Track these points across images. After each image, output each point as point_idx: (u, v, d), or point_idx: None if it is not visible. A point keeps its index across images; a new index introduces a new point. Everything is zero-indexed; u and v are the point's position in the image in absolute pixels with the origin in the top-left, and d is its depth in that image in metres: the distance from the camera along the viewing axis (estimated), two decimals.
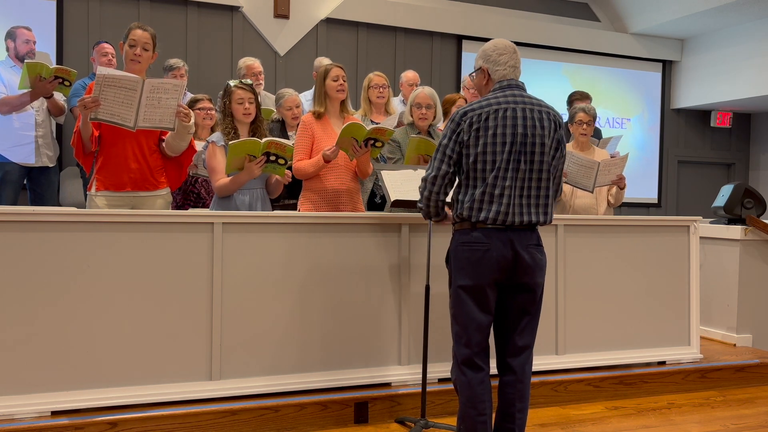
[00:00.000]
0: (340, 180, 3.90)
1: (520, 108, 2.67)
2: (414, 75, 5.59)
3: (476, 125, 2.63)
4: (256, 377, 3.34)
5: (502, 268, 2.65)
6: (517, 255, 2.66)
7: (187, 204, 4.47)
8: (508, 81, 2.75)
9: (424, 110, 4.24)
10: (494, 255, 2.64)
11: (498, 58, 2.76)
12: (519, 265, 2.67)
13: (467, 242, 2.68)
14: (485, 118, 2.64)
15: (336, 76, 3.89)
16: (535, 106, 2.71)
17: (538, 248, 2.73)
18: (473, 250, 2.66)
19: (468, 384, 2.69)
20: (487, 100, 2.69)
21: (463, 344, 2.70)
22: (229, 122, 3.76)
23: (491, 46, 2.80)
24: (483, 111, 2.65)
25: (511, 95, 2.70)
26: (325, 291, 3.48)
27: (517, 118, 2.65)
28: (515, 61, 2.77)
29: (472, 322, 2.68)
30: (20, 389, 2.98)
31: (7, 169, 4.94)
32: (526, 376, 2.77)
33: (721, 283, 5.00)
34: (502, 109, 2.65)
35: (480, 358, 2.70)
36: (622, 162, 4.64)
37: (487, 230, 2.65)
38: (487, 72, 2.79)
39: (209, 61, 6.84)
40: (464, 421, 2.69)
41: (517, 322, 2.75)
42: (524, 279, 2.70)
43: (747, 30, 8.41)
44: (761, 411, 3.83)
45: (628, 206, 9.00)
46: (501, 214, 2.62)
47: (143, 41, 3.55)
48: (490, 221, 2.63)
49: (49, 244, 3.04)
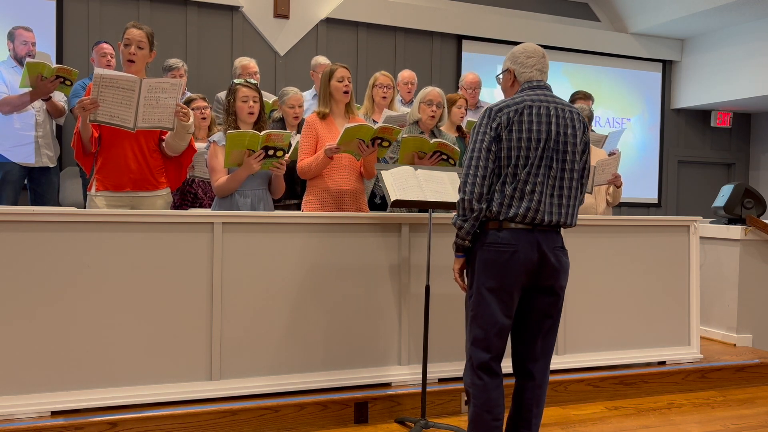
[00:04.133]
0: (344, 180, 3.89)
1: (552, 106, 2.66)
2: (411, 74, 5.59)
3: (512, 119, 2.61)
4: (256, 377, 3.34)
5: (528, 270, 2.61)
6: (543, 257, 2.62)
7: (184, 204, 4.47)
8: (537, 82, 2.75)
9: (434, 108, 4.20)
10: (521, 257, 2.59)
11: (526, 60, 2.76)
12: (545, 267, 2.63)
13: (494, 242, 2.62)
14: (520, 113, 2.62)
15: (341, 77, 3.88)
16: (566, 107, 2.71)
17: (563, 250, 2.71)
18: (500, 252, 2.60)
19: (484, 389, 2.63)
20: (520, 97, 2.68)
21: (482, 348, 2.64)
22: (232, 120, 3.76)
23: (520, 49, 2.80)
24: (518, 107, 2.63)
25: (543, 94, 2.70)
26: (325, 291, 3.48)
27: (551, 116, 2.64)
28: (542, 66, 2.76)
29: (495, 326, 2.62)
30: (20, 389, 2.98)
31: (8, 169, 4.94)
32: (545, 381, 2.73)
33: (721, 283, 5.00)
34: (536, 106, 2.64)
35: (497, 363, 2.66)
36: (616, 160, 4.65)
37: (515, 231, 2.61)
38: (514, 74, 2.78)
39: (209, 61, 6.84)
40: (477, 425, 2.64)
41: (539, 326, 2.70)
42: (549, 282, 2.66)
43: (747, 30, 8.41)
44: (761, 411, 3.83)
45: (628, 206, 9.00)
46: (531, 211, 2.59)
47: (137, 40, 3.55)
48: (519, 218, 2.59)
49: (49, 244, 3.04)
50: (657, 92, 9.37)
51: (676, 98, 9.43)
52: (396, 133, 3.76)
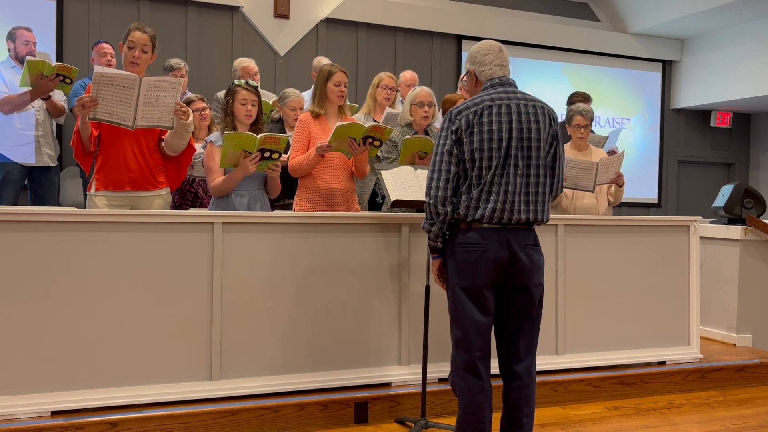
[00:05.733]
0: (335, 180, 3.89)
1: (513, 104, 2.64)
2: (412, 75, 5.59)
3: (471, 122, 2.60)
4: (256, 377, 3.34)
5: (498, 269, 2.62)
6: (514, 256, 2.62)
7: (184, 204, 4.47)
8: (499, 78, 2.72)
9: (426, 108, 4.21)
10: (491, 256, 2.60)
11: (483, 58, 2.73)
12: (516, 266, 2.63)
13: (463, 243, 2.63)
14: (480, 114, 2.60)
15: (338, 82, 3.88)
16: (529, 101, 2.68)
17: (535, 248, 2.69)
18: (470, 251, 2.62)
19: (468, 391, 2.64)
20: (480, 98, 2.66)
21: (464, 349, 2.65)
22: (230, 121, 3.76)
23: (476, 48, 2.78)
24: (477, 108, 2.62)
25: (503, 92, 2.67)
26: (325, 291, 3.48)
27: (512, 114, 2.62)
28: (501, 60, 2.74)
29: (473, 325, 2.63)
30: (20, 389, 2.98)
31: (8, 169, 4.94)
32: (531, 380, 2.72)
33: (721, 283, 5.00)
34: (496, 105, 2.62)
35: (482, 363, 2.65)
36: (620, 159, 4.64)
37: (484, 230, 2.61)
38: (475, 74, 2.77)
39: (209, 61, 6.84)
40: (463, 427, 2.66)
41: (519, 327, 2.71)
42: (522, 280, 2.65)
43: (747, 30, 8.41)
44: (761, 411, 3.83)
45: (628, 206, 9.00)
46: (497, 212, 2.59)
47: (142, 43, 3.55)
48: (486, 219, 2.59)
49: (49, 244, 3.04)
50: (657, 92, 9.37)
51: (676, 98, 9.43)
52: (387, 132, 3.76)
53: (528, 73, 8.48)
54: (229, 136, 3.50)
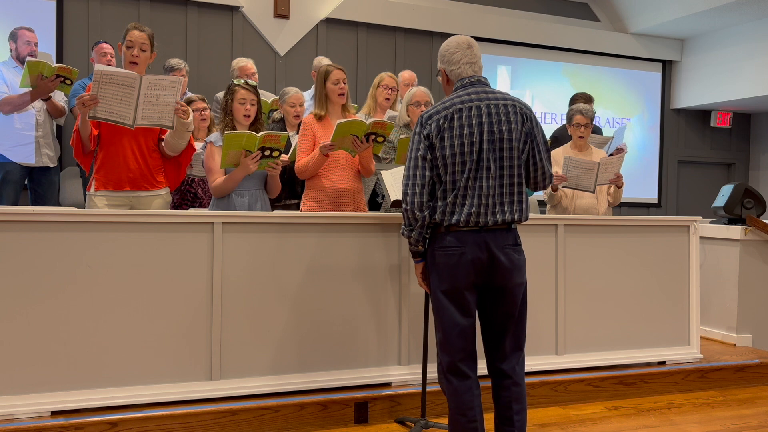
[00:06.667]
0: (342, 180, 3.89)
1: (484, 105, 2.60)
2: (411, 75, 5.59)
3: (442, 126, 2.57)
4: (256, 377, 3.34)
5: (477, 270, 2.60)
6: (492, 257, 2.60)
7: (184, 204, 4.47)
8: (470, 78, 2.68)
9: (423, 108, 4.20)
10: (469, 258, 2.59)
11: (451, 57, 2.69)
12: (495, 267, 2.61)
13: (442, 246, 2.63)
14: (449, 119, 2.58)
15: (336, 80, 3.88)
16: (500, 101, 2.63)
17: (515, 248, 2.67)
18: (448, 255, 2.61)
19: (455, 392, 2.64)
20: (450, 101, 2.63)
21: (446, 351, 2.65)
22: (229, 121, 3.76)
23: (445, 46, 2.73)
24: (447, 112, 2.59)
25: (474, 92, 2.64)
26: (325, 290, 3.48)
27: (482, 116, 2.59)
28: (470, 57, 2.68)
29: (455, 328, 2.62)
30: (20, 389, 2.98)
31: (8, 169, 4.94)
32: (519, 377, 2.72)
33: (721, 283, 5.00)
34: (465, 108, 2.59)
35: (465, 364, 2.64)
36: (620, 160, 4.64)
37: (461, 233, 2.60)
38: (445, 73, 2.73)
39: (209, 61, 6.84)
40: (455, 427, 2.65)
41: (503, 327, 2.70)
42: (503, 281, 2.64)
43: (747, 30, 8.41)
44: (761, 411, 3.83)
45: (628, 206, 9.00)
46: (473, 216, 2.57)
47: (140, 42, 3.55)
48: (462, 223, 2.58)
49: (49, 244, 3.04)
50: (657, 92, 9.37)
51: (676, 98, 9.43)
52: (390, 127, 3.76)
53: (528, 73, 8.48)
54: (229, 136, 3.50)
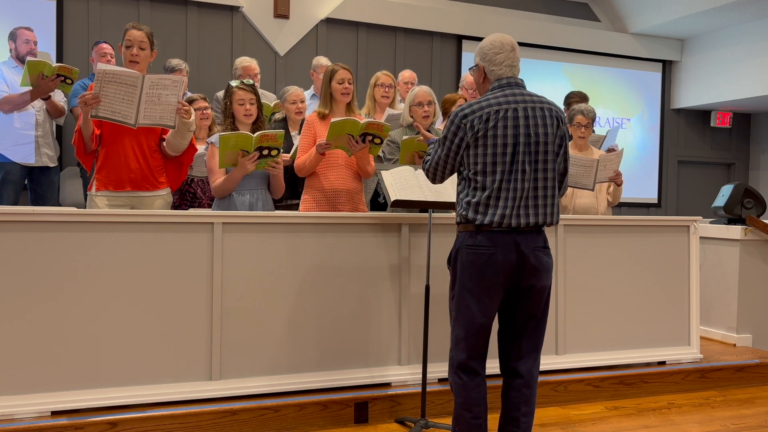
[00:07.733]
0: (340, 180, 3.89)
1: (521, 108, 2.61)
2: (411, 74, 5.58)
3: (477, 127, 2.58)
4: (256, 377, 3.34)
5: (507, 271, 2.60)
6: (522, 258, 2.60)
7: (183, 204, 4.47)
8: (507, 79, 2.69)
9: (426, 108, 4.19)
10: (499, 259, 2.58)
11: (494, 57, 2.69)
12: (524, 268, 2.62)
13: (472, 245, 2.62)
14: (486, 120, 2.58)
15: (341, 79, 3.88)
16: (537, 104, 2.65)
17: (544, 250, 2.68)
18: (478, 254, 2.60)
19: (464, 387, 2.65)
20: (486, 101, 2.63)
21: (462, 348, 2.66)
22: (230, 122, 3.76)
23: (488, 44, 2.72)
24: (483, 112, 2.59)
25: (511, 94, 2.64)
26: (325, 291, 3.48)
27: (519, 119, 2.59)
28: (512, 60, 2.70)
29: (473, 327, 2.63)
30: (20, 389, 2.98)
31: (8, 169, 4.94)
32: (533, 380, 2.72)
33: (721, 283, 5.00)
34: (503, 109, 2.60)
35: (477, 362, 2.66)
36: (618, 157, 4.63)
37: (492, 233, 2.60)
38: (484, 71, 2.73)
39: (209, 61, 6.84)
40: (459, 423, 2.66)
41: (524, 326, 2.71)
42: (530, 282, 2.64)
43: (747, 30, 8.41)
44: (761, 411, 3.83)
45: (628, 206, 9.00)
46: (505, 218, 2.58)
47: (139, 41, 3.56)
48: (495, 225, 2.58)
49: (49, 244, 3.04)
50: (657, 92, 9.37)
51: (676, 98, 9.43)
52: (386, 129, 3.75)
53: (528, 73, 8.47)
54: (223, 137, 3.50)
